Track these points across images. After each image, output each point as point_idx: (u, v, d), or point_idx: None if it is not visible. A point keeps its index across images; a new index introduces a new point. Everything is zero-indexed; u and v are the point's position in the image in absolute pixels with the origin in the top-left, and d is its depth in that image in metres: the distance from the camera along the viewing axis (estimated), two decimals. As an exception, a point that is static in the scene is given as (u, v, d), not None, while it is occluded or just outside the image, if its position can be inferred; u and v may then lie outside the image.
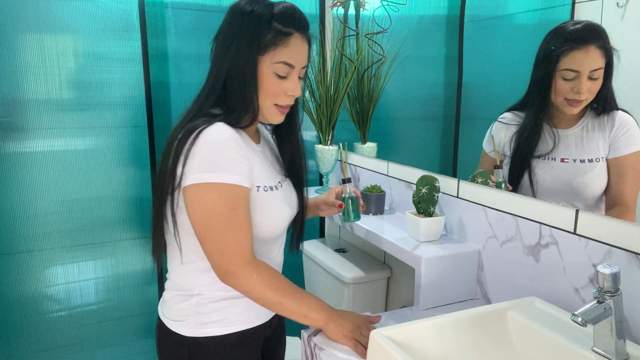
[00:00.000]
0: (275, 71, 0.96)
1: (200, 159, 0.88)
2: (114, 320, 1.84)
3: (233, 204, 0.90)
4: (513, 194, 1.10)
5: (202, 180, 0.88)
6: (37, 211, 1.67)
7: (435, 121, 1.51)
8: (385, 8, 1.62)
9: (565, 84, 0.97)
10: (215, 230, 0.89)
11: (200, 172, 0.88)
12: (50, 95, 1.62)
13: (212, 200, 0.89)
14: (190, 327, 0.99)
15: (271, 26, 0.94)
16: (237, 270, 0.90)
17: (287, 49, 0.95)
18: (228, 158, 0.90)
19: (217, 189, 0.88)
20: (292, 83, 0.98)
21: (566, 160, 1.01)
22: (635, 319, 0.84)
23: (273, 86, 0.97)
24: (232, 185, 0.89)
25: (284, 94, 0.99)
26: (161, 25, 1.74)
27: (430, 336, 0.85)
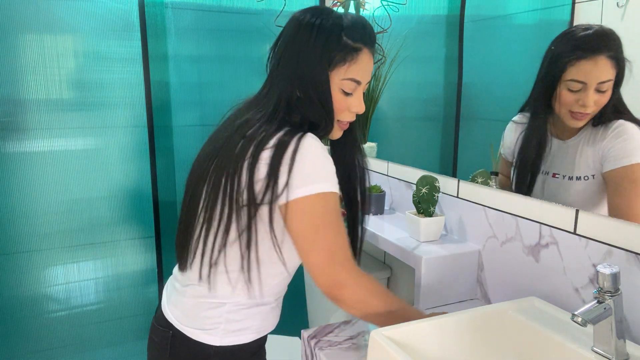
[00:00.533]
0: (342, 87, 0.93)
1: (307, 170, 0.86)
2: (114, 320, 1.84)
3: (338, 212, 0.89)
4: (513, 194, 1.10)
5: (315, 192, 0.85)
6: (37, 211, 1.67)
7: (435, 121, 1.51)
8: (385, 8, 1.62)
9: (570, 95, 0.90)
10: (327, 240, 0.86)
11: (310, 184, 0.85)
12: (50, 95, 1.62)
13: (324, 210, 0.86)
14: (220, 335, 0.94)
15: (341, 41, 0.91)
16: (345, 281, 0.87)
17: (355, 65, 0.92)
18: (329, 167, 0.89)
19: (328, 198, 0.87)
20: (357, 100, 0.96)
21: (557, 176, 0.98)
22: (635, 319, 0.84)
23: (339, 102, 0.94)
24: (334, 194, 0.88)
25: (347, 110, 0.96)
26: (161, 25, 1.74)
27: (430, 336, 0.85)
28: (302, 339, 1.04)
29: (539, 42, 1.12)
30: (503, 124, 1.16)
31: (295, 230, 0.87)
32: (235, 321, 0.95)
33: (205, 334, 0.94)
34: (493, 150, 1.19)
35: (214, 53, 1.81)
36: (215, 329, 0.94)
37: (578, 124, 0.93)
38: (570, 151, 0.95)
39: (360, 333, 1.02)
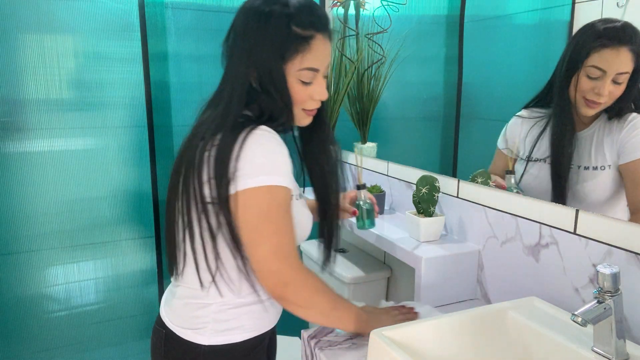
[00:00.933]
0: (299, 78, 0.91)
1: (253, 161, 0.85)
2: (114, 320, 1.84)
3: (286, 207, 0.87)
4: (513, 194, 1.10)
5: (259, 184, 0.84)
6: (37, 211, 1.67)
7: (435, 121, 1.51)
8: (385, 8, 1.62)
9: (589, 82, 0.92)
10: (271, 234, 0.85)
11: (256, 176, 0.84)
12: (50, 95, 1.62)
13: (269, 203, 0.85)
14: (209, 334, 0.94)
15: (291, 32, 0.88)
16: (291, 278, 0.86)
17: (310, 54, 0.89)
18: (280, 160, 0.87)
19: (274, 191, 0.85)
20: (318, 87, 0.94)
21: (571, 166, 0.98)
22: (635, 319, 0.84)
23: (298, 93, 0.92)
24: (285, 188, 0.86)
25: (310, 99, 0.94)
26: (161, 25, 1.74)
27: (430, 336, 0.85)
28: (302, 339, 1.04)
29: (539, 42, 1.12)
30: (503, 124, 1.16)
31: (241, 223, 0.86)
32: (223, 321, 0.95)
33: (194, 334, 0.95)
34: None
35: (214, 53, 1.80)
36: (203, 329, 0.95)
37: (589, 112, 0.94)
38: (584, 142, 0.96)
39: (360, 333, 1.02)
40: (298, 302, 0.87)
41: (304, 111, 0.96)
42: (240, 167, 0.84)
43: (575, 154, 0.98)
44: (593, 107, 0.94)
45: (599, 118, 0.95)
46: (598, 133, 0.95)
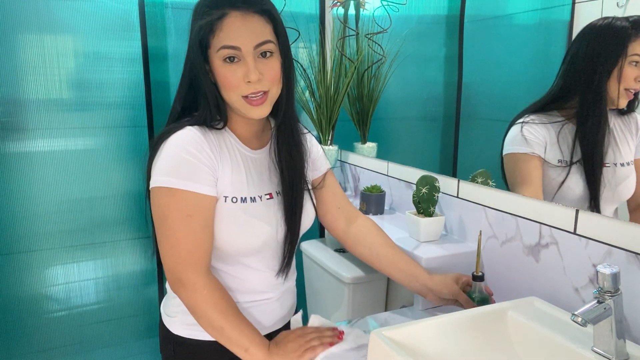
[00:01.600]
0: (221, 58, 0.87)
1: (162, 163, 0.88)
2: (114, 320, 1.84)
3: (188, 210, 0.86)
4: (513, 194, 1.10)
5: (161, 184, 0.86)
6: (37, 211, 1.67)
7: (435, 121, 1.51)
8: (385, 8, 1.62)
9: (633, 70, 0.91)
10: (168, 235, 0.87)
11: (160, 176, 0.87)
12: (50, 95, 1.62)
13: (167, 204, 0.86)
14: (177, 324, 0.98)
15: (207, 13, 0.87)
16: (186, 280, 0.86)
17: (222, 32, 0.86)
18: (187, 164, 0.86)
19: (173, 193, 0.86)
20: (243, 66, 0.87)
21: (607, 165, 0.94)
22: (635, 319, 0.84)
23: (225, 77, 0.88)
24: (188, 192, 0.86)
25: (242, 83, 0.88)
26: (161, 25, 1.74)
27: (430, 336, 0.85)
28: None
29: (539, 42, 1.12)
30: (503, 124, 1.16)
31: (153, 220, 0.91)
32: (190, 315, 0.91)
33: (169, 320, 1.00)
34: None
35: (214, 53, 1.80)
36: (175, 317, 0.99)
37: (625, 102, 0.94)
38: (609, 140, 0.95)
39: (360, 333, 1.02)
40: (189, 307, 0.88)
41: (245, 99, 0.89)
42: (154, 166, 0.89)
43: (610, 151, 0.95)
44: (631, 96, 0.93)
45: (611, 113, 0.95)
46: (615, 128, 0.95)
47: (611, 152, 0.95)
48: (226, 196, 0.91)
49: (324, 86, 1.71)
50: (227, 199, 0.92)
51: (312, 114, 1.79)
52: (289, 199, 0.98)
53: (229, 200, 0.92)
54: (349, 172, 1.84)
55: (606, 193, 0.94)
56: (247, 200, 0.93)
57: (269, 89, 0.90)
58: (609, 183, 0.94)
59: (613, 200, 0.95)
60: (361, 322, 1.07)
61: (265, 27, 0.89)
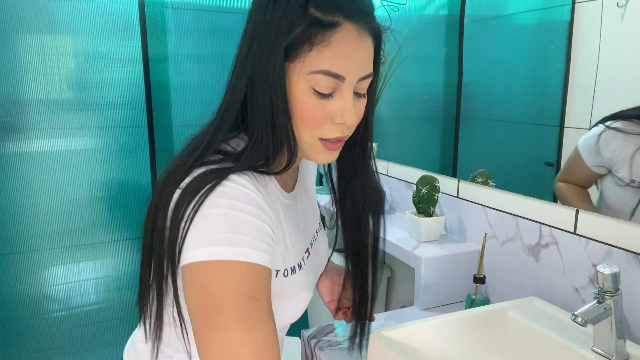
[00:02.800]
0: (312, 86, 0.62)
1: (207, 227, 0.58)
2: (114, 320, 1.84)
3: (253, 291, 0.58)
4: (513, 194, 1.10)
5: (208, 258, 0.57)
6: (37, 211, 1.67)
7: (435, 121, 1.51)
8: (385, 8, 1.62)
9: None
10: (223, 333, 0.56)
11: (204, 246, 0.58)
12: (50, 95, 1.62)
13: (221, 286, 0.57)
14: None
15: (307, 13, 0.60)
16: None
17: (329, 49, 0.60)
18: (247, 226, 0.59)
19: (230, 269, 0.57)
20: (341, 103, 0.63)
21: None
22: (635, 319, 0.84)
23: (310, 109, 0.63)
24: (251, 265, 0.58)
25: (330, 122, 0.64)
26: (161, 25, 1.74)
27: (430, 336, 0.85)
28: (302, 339, 1.04)
29: (539, 42, 1.12)
30: (503, 124, 1.16)
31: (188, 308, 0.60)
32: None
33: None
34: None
35: (214, 53, 1.80)
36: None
37: None
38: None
39: (360, 333, 1.02)
40: None
41: (322, 142, 0.66)
42: (191, 231, 0.59)
43: None
44: None
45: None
46: None
47: None
48: (278, 270, 0.69)
49: (324, 86, 1.71)
50: (279, 272, 0.69)
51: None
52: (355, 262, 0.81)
53: (280, 274, 0.70)
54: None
55: None
56: (296, 269, 0.73)
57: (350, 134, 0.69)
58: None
59: None
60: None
61: (372, 55, 0.66)
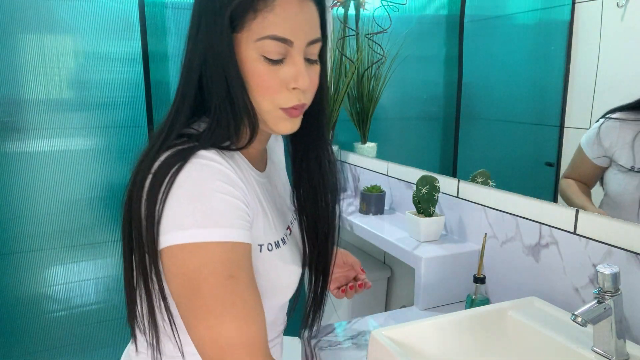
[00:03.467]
0: (262, 53, 0.62)
1: (179, 209, 0.59)
2: (114, 320, 1.84)
3: (230, 270, 0.59)
4: (513, 194, 1.10)
5: (184, 240, 0.58)
6: (37, 211, 1.67)
7: (435, 121, 1.51)
8: (385, 8, 1.62)
9: None
10: (205, 313, 0.58)
11: (179, 229, 0.58)
12: (50, 95, 1.62)
13: (199, 268, 0.58)
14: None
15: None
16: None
17: (272, 14, 0.60)
18: (220, 205, 0.59)
19: (206, 250, 0.58)
20: (293, 68, 0.63)
21: None
22: (635, 319, 0.84)
23: (261, 77, 0.63)
24: (227, 244, 0.59)
25: (285, 89, 0.64)
26: (161, 25, 1.74)
27: (430, 336, 0.85)
28: (302, 339, 1.04)
29: (539, 42, 1.12)
30: (503, 124, 1.16)
31: (171, 292, 0.61)
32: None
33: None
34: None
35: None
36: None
37: None
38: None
39: (360, 333, 1.02)
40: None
41: (283, 111, 0.66)
42: (164, 213, 0.59)
43: None
44: None
45: None
46: None
47: None
48: (261, 244, 0.69)
49: (324, 86, 1.71)
50: (263, 247, 0.69)
51: (312, 114, 1.79)
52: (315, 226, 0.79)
53: (264, 248, 0.69)
54: (349, 172, 1.84)
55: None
56: (280, 243, 0.73)
57: (309, 102, 0.69)
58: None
59: None
60: (361, 322, 1.07)
61: (318, 19, 0.66)
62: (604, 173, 0.93)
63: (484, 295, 1.06)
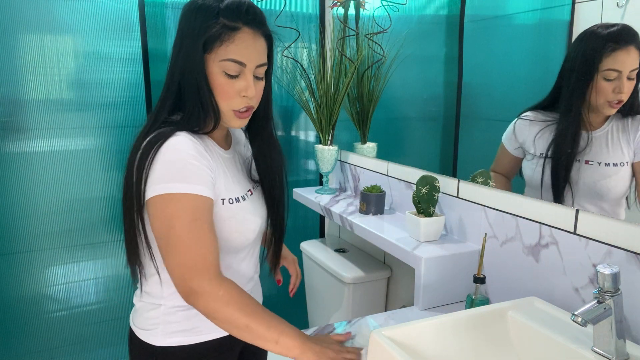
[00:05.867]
0: (224, 69, 0.89)
1: (160, 170, 0.84)
2: (114, 320, 1.84)
3: (194, 214, 0.84)
4: (513, 194, 1.10)
5: (163, 192, 0.83)
6: (37, 211, 1.67)
7: (435, 121, 1.51)
8: (385, 8, 1.62)
9: (607, 84, 0.96)
10: (176, 244, 0.83)
11: (160, 184, 0.84)
12: (50, 95, 1.62)
13: (172, 212, 0.83)
14: (159, 336, 0.96)
15: (217, 21, 0.87)
16: (200, 287, 0.82)
17: (233, 44, 0.88)
18: (189, 168, 0.85)
19: (177, 199, 0.83)
20: (244, 82, 0.90)
21: (590, 162, 1.00)
22: (635, 319, 0.84)
23: (222, 87, 0.90)
24: (193, 196, 0.84)
25: (237, 96, 0.91)
26: (161, 25, 1.74)
27: (430, 336, 0.85)
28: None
29: (539, 42, 1.12)
30: (503, 124, 1.16)
31: (153, 232, 0.87)
32: (173, 322, 0.96)
33: (147, 334, 0.97)
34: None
35: (214, 53, 1.81)
36: (155, 330, 0.96)
37: (613, 111, 0.98)
38: (600, 141, 1.00)
39: (360, 333, 1.02)
40: (209, 314, 0.83)
41: (234, 112, 0.93)
42: (150, 174, 0.85)
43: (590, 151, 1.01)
44: (616, 106, 0.98)
45: (611, 117, 0.99)
46: (612, 130, 0.99)
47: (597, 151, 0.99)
48: (223, 198, 0.93)
49: (324, 86, 1.71)
50: (225, 200, 0.94)
51: (312, 114, 1.79)
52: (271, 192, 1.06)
53: (226, 202, 0.94)
54: (349, 172, 1.84)
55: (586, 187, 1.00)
56: (240, 199, 0.97)
57: (255, 106, 0.96)
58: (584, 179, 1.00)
59: (593, 195, 0.99)
60: (361, 322, 1.07)
61: (265, 49, 0.94)
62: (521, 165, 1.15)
63: (484, 295, 1.06)
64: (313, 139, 2.07)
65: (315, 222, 2.17)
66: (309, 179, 2.13)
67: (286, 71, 1.94)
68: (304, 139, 2.07)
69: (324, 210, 1.67)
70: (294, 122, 2.06)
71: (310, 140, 2.07)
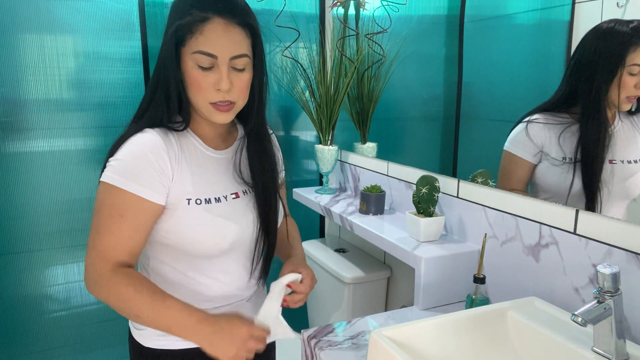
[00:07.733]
0: (196, 62, 0.86)
1: (113, 162, 0.87)
2: (114, 320, 1.84)
3: (121, 210, 0.84)
4: (513, 194, 1.10)
5: (105, 180, 0.86)
6: (37, 211, 1.67)
7: (435, 121, 1.51)
8: (385, 8, 1.62)
9: (631, 79, 0.95)
10: (95, 228, 0.86)
11: (108, 172, 0.86)
12: (50, 95, 1.62)
13: (102, 200, 0.86)
14: (147, 337, 0.96)
15: (190, 12, 0.85)
16: (95, 276, 0.83)
17: (202, 36, 0.85)
18: (137, 166, 0.85)
19: (113, 192, 0.85)
20: (217, 75, 0.86)
21: (614, 161, 0.98)
22: (635, 319, 0.84)
23: (196, 79, 0.87)
24: (128, 193, 0.84)
25: (212, 89, 0.87)
26: (161, 25, 1.74)
27: (430, 336, 0.85)
28: (302, 339, 1.04)
29: (539, 42, 1.12)
30: (503, 124, 1.16)
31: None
32: None
33: (138, 332, 0.98)
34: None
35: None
36: (144, 330, 0.96)
37: (628, 106, 0.98)
38: (615, 138, 0.99)
39: (360, 333, 1.03)
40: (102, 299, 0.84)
41: (212, 105, 0.89)
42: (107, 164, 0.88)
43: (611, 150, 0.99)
44: (633, 101, 0.97)
45: (620, 112, 0.98)
46: (623, 128, 0.98)
47: (618, 150, 0.97)
48: (189, 198, 0.90)
49: (324, 86, 1.71)
50: (191, 201, 0.90)
51: (312, 114, 1.79)
52: (261, 197, 0.99)
53: (192, 202, 0.90)
54: (349, 172, 1.84)
55: (614, 187, 0.97)
56: (212, 201, 0.92)
57: (236, 101, 0.91)
58: (612, 179, 0.97)
59: (622, 195, 0.97)
60: (361, 322, 1.07)
61: (244, 40, 0.88)
62: (535, 170, 1.09)
63: (484, 295, 1.06)
64: (313, 139, 2.07)
65: (315, 222, 2.17)
66: (309, 179, 2.13)
67: (286, 71, 1.94)
68: (304, 139, 2.07)
69: (324, 210, 1.67)
70: (294, 122, 2.06)
71: (310, 140, 2.07)
